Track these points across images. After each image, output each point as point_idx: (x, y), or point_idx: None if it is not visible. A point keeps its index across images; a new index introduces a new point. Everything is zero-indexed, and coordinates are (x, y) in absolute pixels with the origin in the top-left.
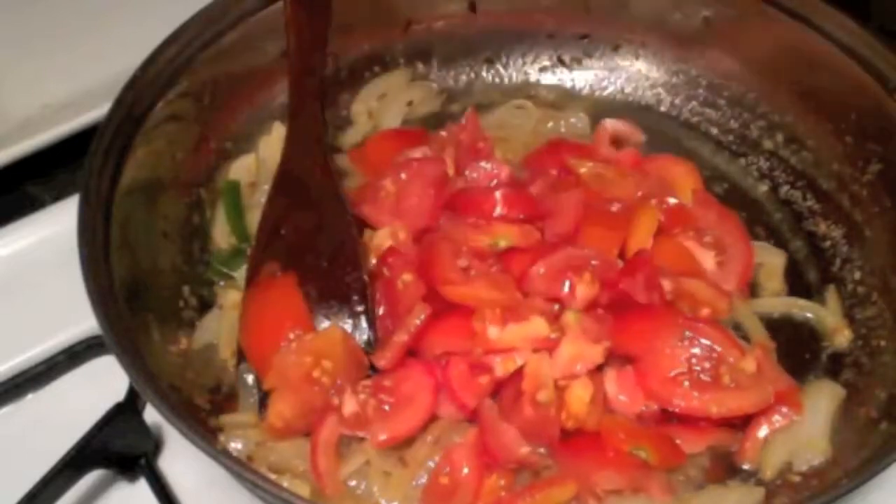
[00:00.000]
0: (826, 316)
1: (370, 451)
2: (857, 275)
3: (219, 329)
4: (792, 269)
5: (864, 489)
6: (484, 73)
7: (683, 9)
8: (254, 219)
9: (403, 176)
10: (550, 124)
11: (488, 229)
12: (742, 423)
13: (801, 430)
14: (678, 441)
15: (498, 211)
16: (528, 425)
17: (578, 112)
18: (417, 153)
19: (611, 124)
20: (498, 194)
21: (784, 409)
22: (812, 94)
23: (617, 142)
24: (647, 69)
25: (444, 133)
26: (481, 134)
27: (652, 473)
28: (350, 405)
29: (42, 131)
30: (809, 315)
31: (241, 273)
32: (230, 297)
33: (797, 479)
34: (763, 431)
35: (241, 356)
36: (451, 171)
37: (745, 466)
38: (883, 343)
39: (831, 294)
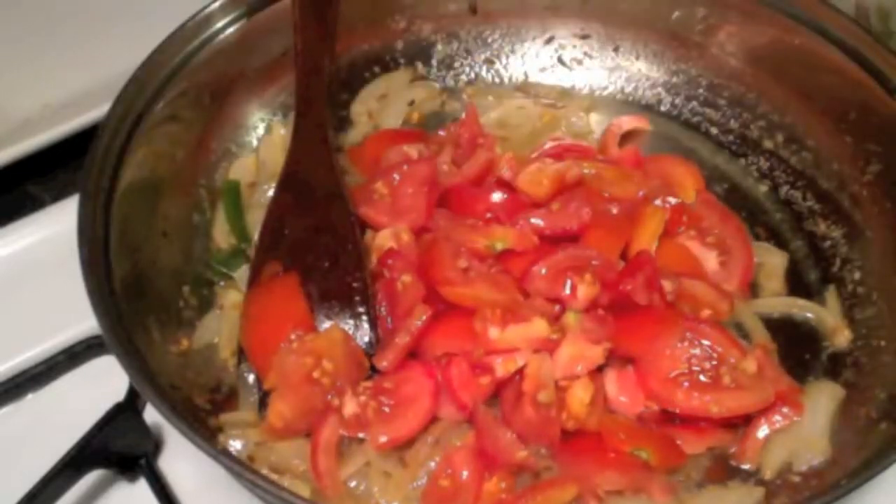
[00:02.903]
0: (826, 316)
1: (370, 452)
2: (857, 275)
3: (219, 329)
4: (792, 269)
5: (864, 489)
6: (484, 73)
7: (683, 8)
8: (254, 219)
9: (396, 177)
10: (550, 124)
11: (485, 231)
12: (742, 423)
13: (801, 430)
14: (679, 442)
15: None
16: (529, 426)
17: (578, 112)
18: (408, 150)
19: (620, 122)
20: (495, 196)
21: (784, 410)
22: (812, 94)
23: (624, 137)
24: (647, 69)
25: (442, 133)
26: (481, 130)
27: (653, 474)
28: (350, 407)
29: (42, 131)
30: (809, 315)
31: (240, 273)
32: (230, 297)
33: (797, 479)
34: (763, 431)
35: (241, 356)
36: (446, 168)
37: (745, 466)
38: (883, 343)
39: (831, 294)
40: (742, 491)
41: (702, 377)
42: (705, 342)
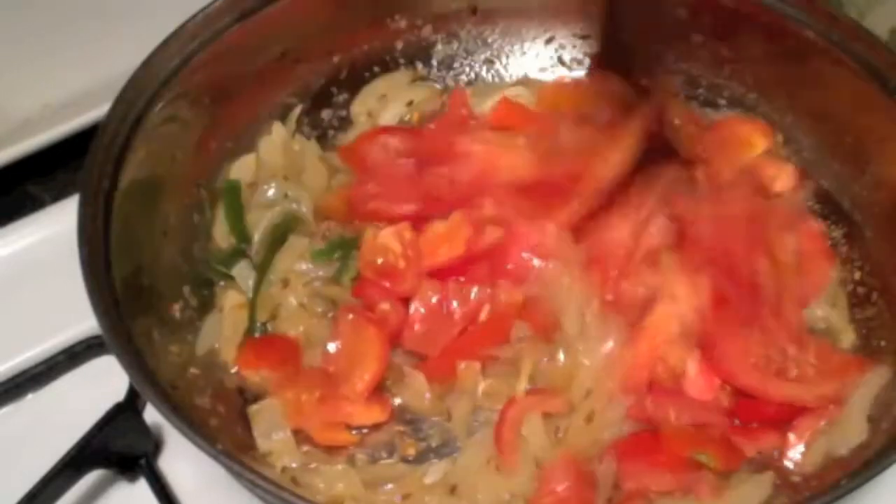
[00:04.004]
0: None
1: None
2: (857, 275)
3: (219, 332)
4: None
5: (864, 489)
6: (484, 73)
7: (683, 9)
8: (254, 219)
9: (387, 172)
10: None
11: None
12: (789, 422)
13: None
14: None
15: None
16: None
17: None
18: (397, 145)
19: None
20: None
21: (830, 407)
22: (812, 94)
23: None
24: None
25: (432, 126)
26: (468, 110)
27: (703, 475)
28: None
29: (42, 131)
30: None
31: (240, 273)
32: (230, 299)
33: (797, 479)
34: (807, 430)
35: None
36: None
37: (789, 465)
38: (883, 343)
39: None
40: (752, 482)
41: (778, 365)
42: (777, 332)
